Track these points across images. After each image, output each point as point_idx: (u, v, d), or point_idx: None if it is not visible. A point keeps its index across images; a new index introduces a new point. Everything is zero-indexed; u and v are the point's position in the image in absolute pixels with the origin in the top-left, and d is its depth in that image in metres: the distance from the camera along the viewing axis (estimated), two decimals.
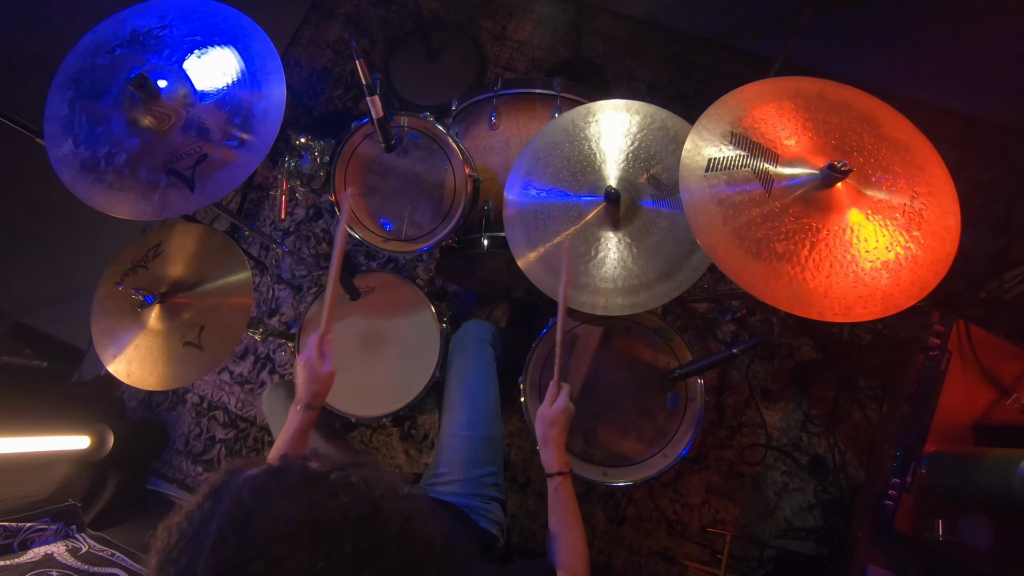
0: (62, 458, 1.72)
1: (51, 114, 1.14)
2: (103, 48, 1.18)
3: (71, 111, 1.14)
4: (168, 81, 1.13)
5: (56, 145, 1.13)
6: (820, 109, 1.05)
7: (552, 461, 1.02)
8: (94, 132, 1.13)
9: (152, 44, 1.17)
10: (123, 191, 1.10)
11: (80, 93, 1.15)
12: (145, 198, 1.10)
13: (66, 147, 1.13)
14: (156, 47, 1.17)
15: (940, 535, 1.16)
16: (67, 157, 1.12)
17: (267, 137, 1.11)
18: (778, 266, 0.95)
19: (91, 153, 1.12)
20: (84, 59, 1.18)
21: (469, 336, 1.38)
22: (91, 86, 1.15)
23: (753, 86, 1.08)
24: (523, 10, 2.40)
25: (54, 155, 1.12)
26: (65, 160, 1.12)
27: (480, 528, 1.14)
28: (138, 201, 1.10)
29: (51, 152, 1.12)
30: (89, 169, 1.11)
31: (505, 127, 1.45)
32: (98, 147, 1.12)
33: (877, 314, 0.93)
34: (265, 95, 1.13)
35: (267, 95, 1.13)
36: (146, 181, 1.11)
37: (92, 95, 1.15)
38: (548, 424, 1.04)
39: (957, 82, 1.97)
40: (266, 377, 2.04)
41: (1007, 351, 1.30)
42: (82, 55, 1.18)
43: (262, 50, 1.16)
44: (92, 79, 1.16)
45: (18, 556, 1.42)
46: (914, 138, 1.03)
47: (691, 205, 1.00)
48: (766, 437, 1.85)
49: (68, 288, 2.01)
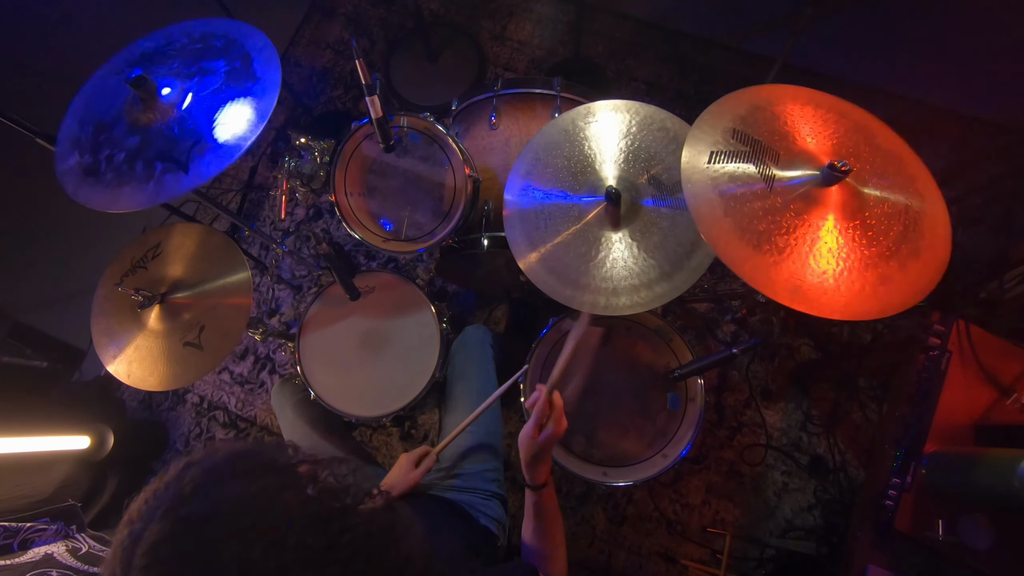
0: (62, 458, 1.72)
1: (63, 137, 1.17)
2: (113, 71, 1.23)
3: (80, 128, 1.17)
4: (172, 89, 1.16)
5: (63, 162, 1.15)
6: (817, 116, 1.06)
7: (536, 476, 0.99)
8: (97, 141, 1.15)
9: (159, 59, 1.21)
10: (120, 186, 1.11)
11: (89, 112, 1.19)
12: (141, 187, 1.11)
13: (72, 160, 1.14)
14: (163, 61, 1.21)
15: (940, 535, 1.16)
16: (72, 168, 1.13)
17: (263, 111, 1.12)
18: (779, 259, 0.95)
19: (93, 159, 1.13)
20: (96, 85, 1.23)
21: (470, 339, 1.40)
22: (99, 103, 1.19)
23: (752, 90, 1.09)
24: (523, 10, 2.40)
25: (60, 171, 1.14)
26: (71, 172, 1.13)
27: (480, 525, 1.14)
28: (134, 192, 1.10)
29: (58, 168, 1.14)
30: (90, 173, 1.12)
31: (505, 127, 1.45)
32: (100, 152, 1.14)
33: (875, 314, 0.93)
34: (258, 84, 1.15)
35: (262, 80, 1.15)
36: (142, 172, 1.12)
37: (99, 111, 1.18)
38: (536, 449, 0.97)
39: (957, 82, 1.97)
40: (266, 377, 2.04)
41: (1007, 351, 1.30)
42: (96, 83, 1.23)
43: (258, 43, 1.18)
44: (100, 98, 1.20)
45: (18, 556, 1.41)
46: (904, 152, 1.05)
47: (693, 196, 1.00)
48: (766, 437, 1.85)
49: (68, 288, 2.02)
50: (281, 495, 0.52)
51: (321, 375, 1.43)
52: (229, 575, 0.47)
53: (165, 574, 0.47)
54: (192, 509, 0.49)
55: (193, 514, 0.49)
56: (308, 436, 1.35)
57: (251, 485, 0.52)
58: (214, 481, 0.52)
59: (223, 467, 0.53)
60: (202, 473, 0.52)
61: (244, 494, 0.51)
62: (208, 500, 0.50)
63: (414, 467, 1.14)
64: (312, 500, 0.53)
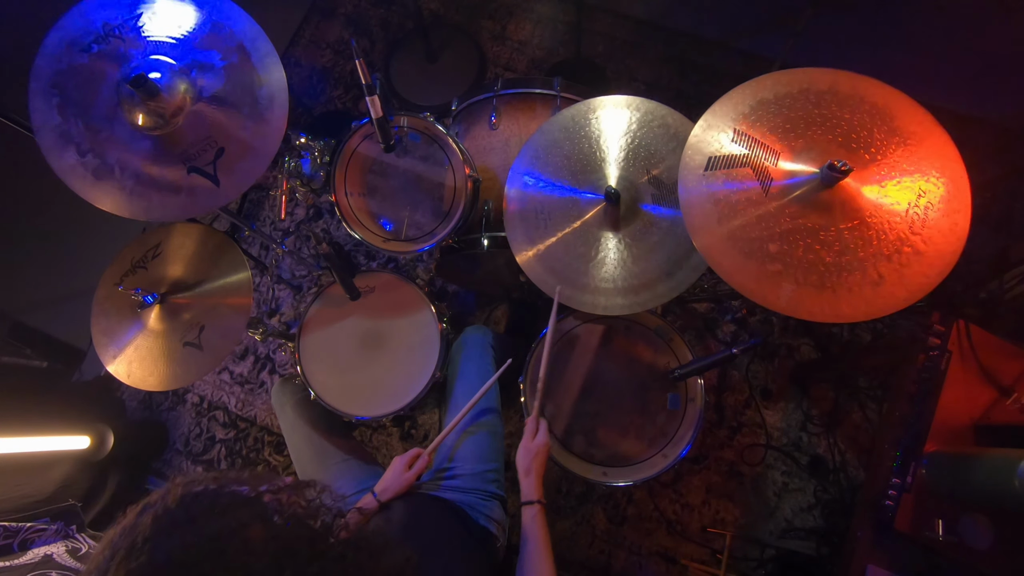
0: (62, 458, 1.72)
1: (41, 124, 1.08)
2: (77, 47, 1.10)
3: (63, 119, 1.09)
4: (161, 73, 1.10)
5: (57, 156, 1.08)
6: (829, 105, 1.02)
7: (531, 489, 1.08)
8: (97, 139, 1.10)
9: (131, 38, 1.11)
10: (144, 195, 1.09)
11: (68, 99, 1.10)
12: (171, 198, 1.09)
13: (70, 157, 1.09)
14: (135, 40, 1.11)
15: (940, 535, 1.16)
16: (75, 168, 1.09)
17: (277, 122, 1.12)
18: (771, 267, 0.95)
19: (101, 161, 1.09)
20: (59, 61, 1.10)
21: (470, 339, 1.40)
22: (77, 90, 1.10)
23: (765, 79, 1.06)
24: (523, 10, 2.40)
25: (59, 167, 1.09)
26: (74, 171, 1.09)
27: (479, 526, 1.14)
28: (165, 202, 1.09)
29: (55, 164, 1.09)
30: (105, 177, 1.09)
31: (505, 127, 1.45)
32: (107, 154, 1.10)
33: (873, 315, 0.92)
34: (265, 80, 1.13)
35: (268, 80, 1.13)
36: (168, 181, 1.10)
37: (82, 100, 1.10)
38: (532, 456, 1.11)
39: (957, 82, 1.97)
40: (266, 377, 2.04)
41: (1007, 351, 1.30)
42: (55, 56, 1.10)
43: (253, 35, 1.15)
44: (75, 83, 1.10)
45: (18, 557, 1.42)
46: (932, 132, 1.00)
47: (688, 204, 1.00)
48: (766, 437, 1.85)
49: (68, 288, 2.01)
50: (242, 533, 0.50)
51: (321, 375, 1.43)
52: None
53: None
54: (145, 560, 0.48)
55: (144, 567, 0.47)
56: (308, 436, 1.35)
57: (207, 527, 0.50)
58: (164, 529, 0.50)
59: (176, 512, 0.51)
60: (152, 522, 0.50)
61: (199, 539, 0.49)
62: (160, 549, 0.48)
63: (407, 469, 1.15)
64: (279, 529, 0.51)
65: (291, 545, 0.51)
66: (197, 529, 0.49)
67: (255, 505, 0.53)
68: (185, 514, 0.51)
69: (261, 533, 0.50)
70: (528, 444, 1.13)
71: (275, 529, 0.51)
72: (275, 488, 0.55)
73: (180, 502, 0.52)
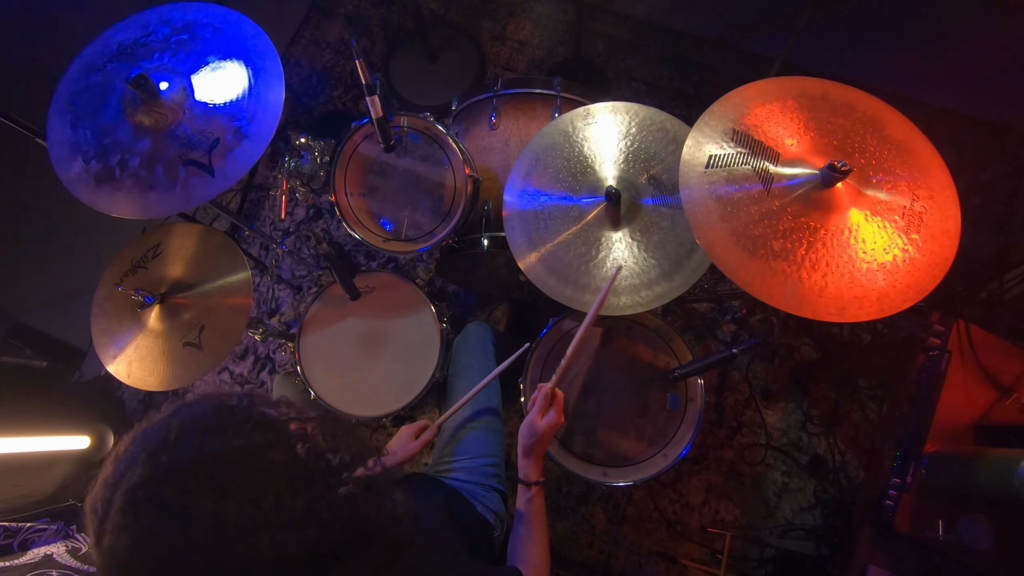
0: (62, 458, 1.72)
1: (55, 140, 1.14)
2: (94, 67, 1.18)
3: (74, 131, 1.14)
4: (169, 83, 1.13)
5: (67, 168, 1.12)
6: (824, 109, 1.05)
7: (531, 470, 1.02)
8: (102, 144, 1.12)
9: (141, 53, 1.17)
10: (143, 193, 1.10)
11: (80, 113, 1.15)
12: (168, 193, 1.10)
13: (77, 166, 1.12)
14: (145, 55, 1.17)
15: (940, 535, 1.16)
16: (80, 175, 1.11)
17: (271, 117, 1.11)
18: (774, 264, 0.95)
19: (103, 165, 1.11)
20: (76, 82, 1.17)
21: (471, 336, 1.40)
22: (88, 103, 1.15)
23: (757, 84, 1.08)
24: (523, 10, 2.40)
25: (66, 177, 1.11)
26: (79, 179, 1.11)
27: (477, 513, 1.14)
28: (161, 198, 1.10)
29: (62, 175, 1.12)
30: (105, 180, 1.11)
31: (505, 127, 1.45)
32: (109, 157, 1.12)
33: (872, 315, 0.93)
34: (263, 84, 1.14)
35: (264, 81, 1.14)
36: (165, 177, 1.10)
37: (92, 111, 1.15)
38: (537, 436, 1.00)
39: (957, 82, 1.97)
40: (266, 377, 2.04)
41: (1007, 351, 1.30)
42: (74, 80, 1.18)
43: (255, 40, 1.16)
44: (88, 98, 1.16)
45: (18, 557, 1.42)
46: (917, 141, 1.03)
47: (690, 201, 1.00)
48: (766, 437, 1.85)
49: (68, 288, 2.01)
50: (266, 452, 0.52)
51: (321, 375, 1.43)
52: (202, 527, 0.47)
53: (141, 518, 0.48)
54: (172, 457, 0.50)
55: (173, 462, 0.49)
56: None
57: (235, 440, 0.51)
58: (198, 431, 0.51)
59: (210, 418, 0.53)
60: (188, 421, 0.52)
61: (226, 449, 0.51)
62: (189, 451, 0.50)
63: (414, 438, 1.15)
64: (298, 459, 0.53)
65: (308, 474, 0.53)
66: (226, 440, 0.51)
67: (281, 430, 0.54)
68: (217, 422, 0.53)
69: (283, 457, 0.52)
70: (536, 423, 1.00)
71: (296, 456, 0.53)
72: (303, 418, 0.57)
73: (214, 411, 0.54)
